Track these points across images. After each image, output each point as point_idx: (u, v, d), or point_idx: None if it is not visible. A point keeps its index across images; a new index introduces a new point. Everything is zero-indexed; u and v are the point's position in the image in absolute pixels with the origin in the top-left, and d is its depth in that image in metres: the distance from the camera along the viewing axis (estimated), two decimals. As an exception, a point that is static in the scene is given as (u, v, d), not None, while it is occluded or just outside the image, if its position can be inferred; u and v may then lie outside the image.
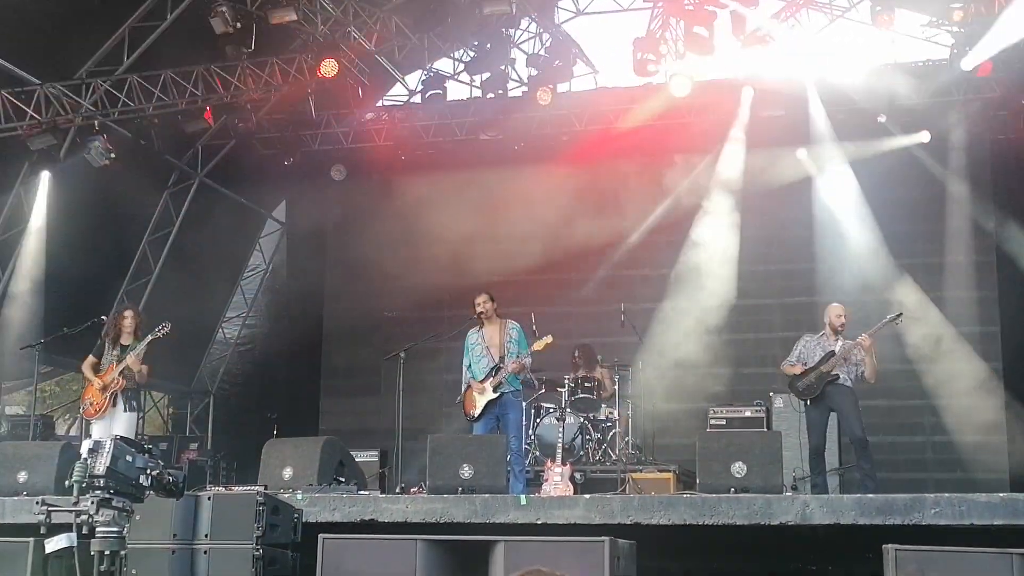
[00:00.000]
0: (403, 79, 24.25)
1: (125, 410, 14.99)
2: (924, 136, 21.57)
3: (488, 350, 15.47)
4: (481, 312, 15.60)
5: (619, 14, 23.40)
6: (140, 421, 16.70)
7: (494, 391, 15.18)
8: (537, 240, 23.52)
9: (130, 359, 14.91)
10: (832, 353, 14.84)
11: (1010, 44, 18.59)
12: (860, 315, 19.92)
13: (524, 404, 16.23)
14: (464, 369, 15.75)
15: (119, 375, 14.92)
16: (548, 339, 15.59)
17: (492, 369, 15.29)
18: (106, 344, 15.36)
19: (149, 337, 14.96)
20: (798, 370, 15.01)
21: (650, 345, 19.74)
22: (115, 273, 22.93)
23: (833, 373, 14.74)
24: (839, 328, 15.12)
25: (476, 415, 15.29)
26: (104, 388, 14.91)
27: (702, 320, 22.69)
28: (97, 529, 8.05)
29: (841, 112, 21.32)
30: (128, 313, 15.55)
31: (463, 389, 15.65)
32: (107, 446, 8.10)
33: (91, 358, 15.41)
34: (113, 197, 21.19)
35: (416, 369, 16.24)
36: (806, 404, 15.26)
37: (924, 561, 8.71)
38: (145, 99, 20.04)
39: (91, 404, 15.08)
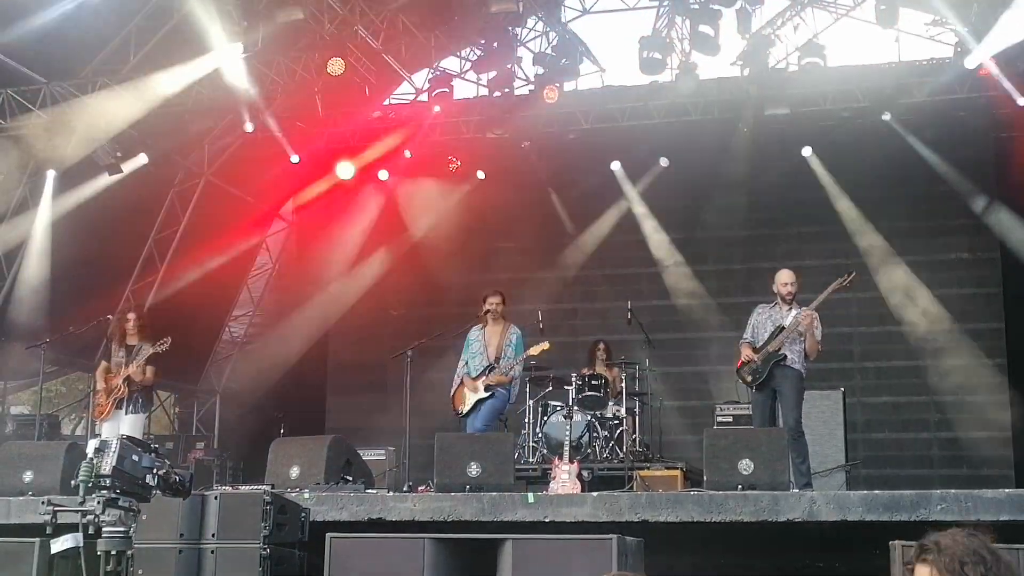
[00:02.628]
0: (410, 77, 24.26)
1: (129, 412, 14.95)
2: (928, 134, 21.57)
3: (486, 349, 15.49)
4: (488, 311, 15.59)
5: (625, 13, 23.42)
6: (147, 421, 16.69)
7: (486, 390, 15.22)
8: (543, 238, 23.60)
9: (131, 369, 14.89)
10: (781, 328, 14.06)
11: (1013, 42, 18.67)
12: (867, 312, 20.07)
13: (507, 398, 16.10)
14: (460, 364, 15.77)
15: (123, 383, 14.89)
16: (545, 345, 15.61)
17: (486, 368, 15.31)
18: (112, 347, 15.36)
19: (150, 350, 14.92)
20: (748, 354, 14.22)
21: (657, 342, 19.73)
22: (121, 272, 22.93)
23: (781, 352, 13.98)
24: (787, 297, 14.33)
25: (464, 412, 15.36)
26: (109, 393, 14.90)
27: (708, 317, 22.75)
28: (103, 529, 8.04)
29: (846, 110, 21.32)
30: (131, 316, 15.42)
31: (455, 384, 15.67)
32: (113, 446, 8.10)
33: (103, 363, 15.39)
34: (119, 196, 21.20)
35: (423, 367, 16.21)
36: (753, 389, 14.55)
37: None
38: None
39: (97, 406, 15.10)
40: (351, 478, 13.61)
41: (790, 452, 13.44)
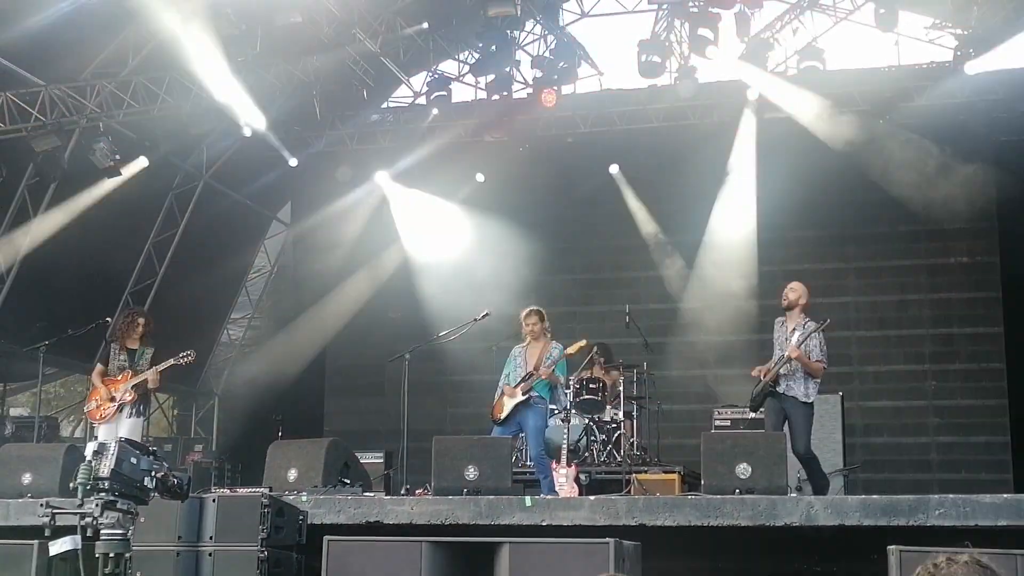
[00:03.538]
0: (408, 81, 24.28)
1: (131, 416, 14.87)
2: (928, 138, 21.55)
3: (526, 362, 15.36)
4: (525, 330, 15.47)
5: (624, 16, 23.42)
6: (145, 423, 16.65)
7: (523, 394, 15.11)
8: (542, 241, 23.54)
9: (150, 376, 14.80)
10: (782, 358, 13.91)
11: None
12: (866, 316, 20.04)
13: (547, 414, 16.04)
14: (501, 379, 15.65)
15: (131, 388, 14.80)
16: (582, 342, 15.55)
17: (525, 376, 15.20)
18: (112, 348, 15.26)
19: (172, 361, 14.79)
20: (757, 371, 14.20)
21: (655, 346, 19.72)
22: (120, 274, 22.94)
23: (774, 386, 13.85)
24: (783, 302, 14.22)
25: (502, 418, 15.21)
26: (114, 397, 14.79)
27: (706, 321, 22.75)
28: (101, 531, 8.02)
29: (845, 113, 21.31)
30: (141, 320, 15.36)
31: (497, 395, 15.58)
32: (111, 448, 8.08)
33: (99, 366, 15.25)
34: (118, 199, 21.19)
35: (421, 370, 16.21)
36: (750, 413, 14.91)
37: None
38: (150, 100, 20.04)
39: (97, 406, 14.92)
40: (349, 481, 13.62)
41: (809, 476, 13.66)
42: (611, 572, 8.70)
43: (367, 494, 13.45)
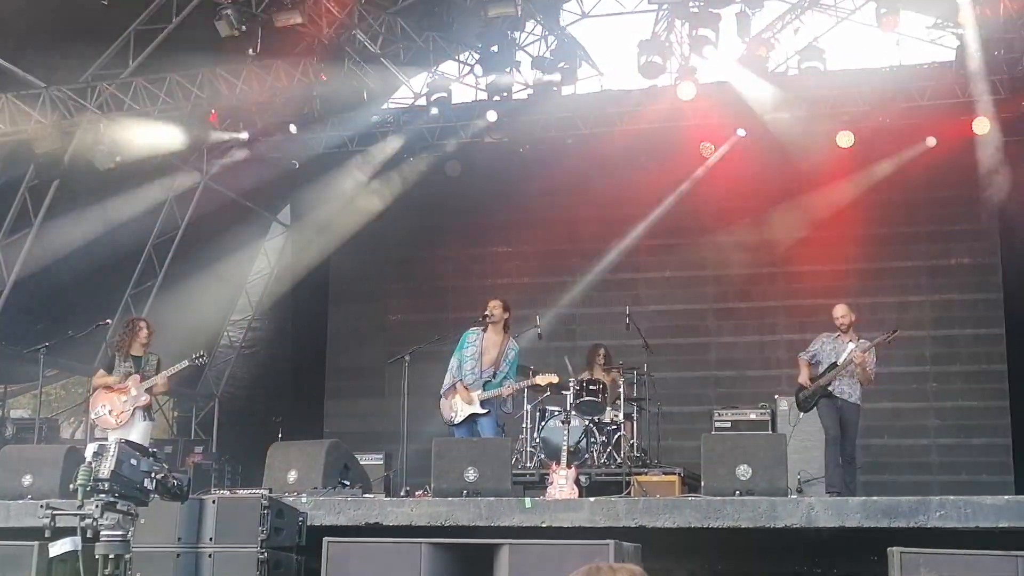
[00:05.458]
0: (408, 82, 24.24)
1: (143, 420, 14.88)
2: (930, 140, 21.50)
3: (481, 356, 15.32)
4: (487, 315, 15.45)
5: (624, 16, 23.38)
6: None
7: (482, 406, 15.11)
8: (542, 242, 23.56)
9: (161, 380, 14.82)
10: (835, 365, 14.97)
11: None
12: (866, 318, 19.99)
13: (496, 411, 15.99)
14: (452, 362, 15.63)
15: (145, 392, 14.80)
16: (553, 378, 15.54)
17: (484, 384, 15.18)
18: (116, 358, 15.24)
19: (185, 362, 14.84)
20: (804, 379, 15.25)
21: (655, 347, 19.69)
22: (120, 277, 22.84)
23: (829, 388, 15.00)
24: (841, 327, 15.25)
25: (457, 422, 15.20)
26: (127, 401, 14.76)
27: (706, 323, 22.73)
28: (101, 533, 8.04)
29: (846, 114, 21.28)
30: (143, 323, 15.39)
31: (445, 386, 15.55)
32: (112, 449, 8.10)
33: (102, 371, 15.27)
34: (117, 199, 21.16)
35: (420, 372, 16.18)
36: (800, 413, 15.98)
37: (931, 564, 8.71)
38: (150, 102, 20.01)
39: (111, 413, 14.89)
40: (348, 482, 13.62)
41: (845, 473, 14.87)
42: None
43: (367, 496, 13.44)
